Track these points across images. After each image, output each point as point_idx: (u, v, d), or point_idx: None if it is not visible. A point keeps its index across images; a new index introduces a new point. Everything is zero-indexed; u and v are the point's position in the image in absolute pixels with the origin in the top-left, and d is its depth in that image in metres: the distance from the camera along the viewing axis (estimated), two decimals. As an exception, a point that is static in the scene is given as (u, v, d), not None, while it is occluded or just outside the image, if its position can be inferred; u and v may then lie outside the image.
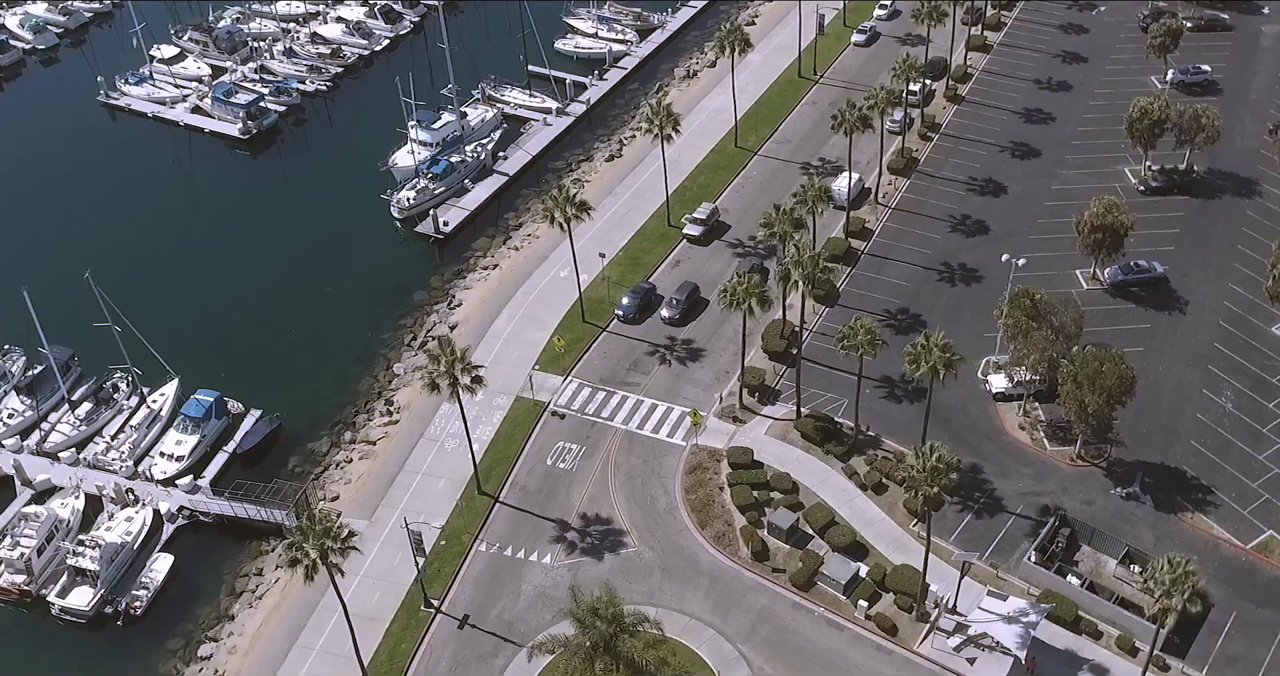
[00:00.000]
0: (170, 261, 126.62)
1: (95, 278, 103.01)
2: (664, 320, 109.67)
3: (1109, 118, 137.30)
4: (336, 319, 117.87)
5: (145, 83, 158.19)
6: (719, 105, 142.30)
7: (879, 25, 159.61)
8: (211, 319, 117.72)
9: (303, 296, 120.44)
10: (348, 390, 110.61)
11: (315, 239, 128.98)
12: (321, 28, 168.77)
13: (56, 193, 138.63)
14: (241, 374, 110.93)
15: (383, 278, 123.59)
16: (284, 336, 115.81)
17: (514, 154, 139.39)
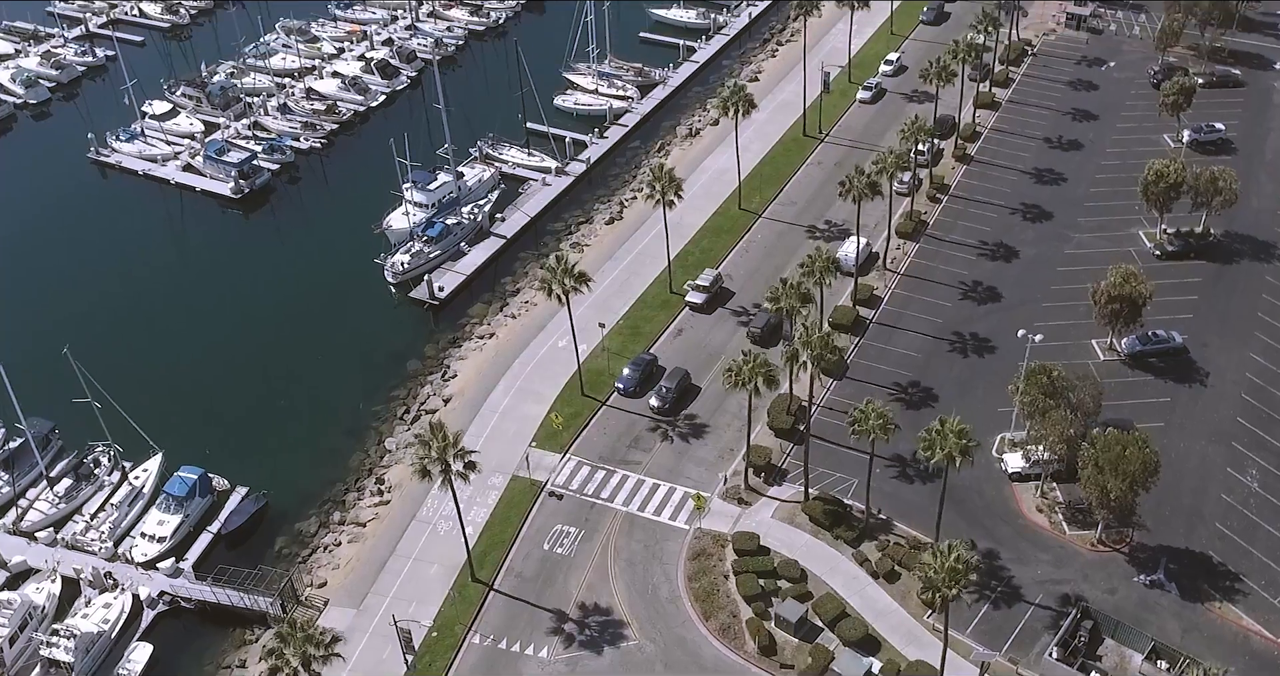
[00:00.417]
0: (157, 327, 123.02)
1: (78, 344, 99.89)
2: (653, 410, 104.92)
3: (1122, 178, 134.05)
4: (327, 389, 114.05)
5: (137, 139, 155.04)
6: (722, 165, 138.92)
7: (884, 81, 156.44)
8: (198, 388, 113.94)
9: (293, 364, 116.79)
10: (338, 465, 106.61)
11: (307, 303, 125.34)
12: (317, 83, 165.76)
13: (41, 255, 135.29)
14: (228, 447, 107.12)
15: (376, 345, 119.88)
16: (273, 407, 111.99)
17: (512, 215, 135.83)
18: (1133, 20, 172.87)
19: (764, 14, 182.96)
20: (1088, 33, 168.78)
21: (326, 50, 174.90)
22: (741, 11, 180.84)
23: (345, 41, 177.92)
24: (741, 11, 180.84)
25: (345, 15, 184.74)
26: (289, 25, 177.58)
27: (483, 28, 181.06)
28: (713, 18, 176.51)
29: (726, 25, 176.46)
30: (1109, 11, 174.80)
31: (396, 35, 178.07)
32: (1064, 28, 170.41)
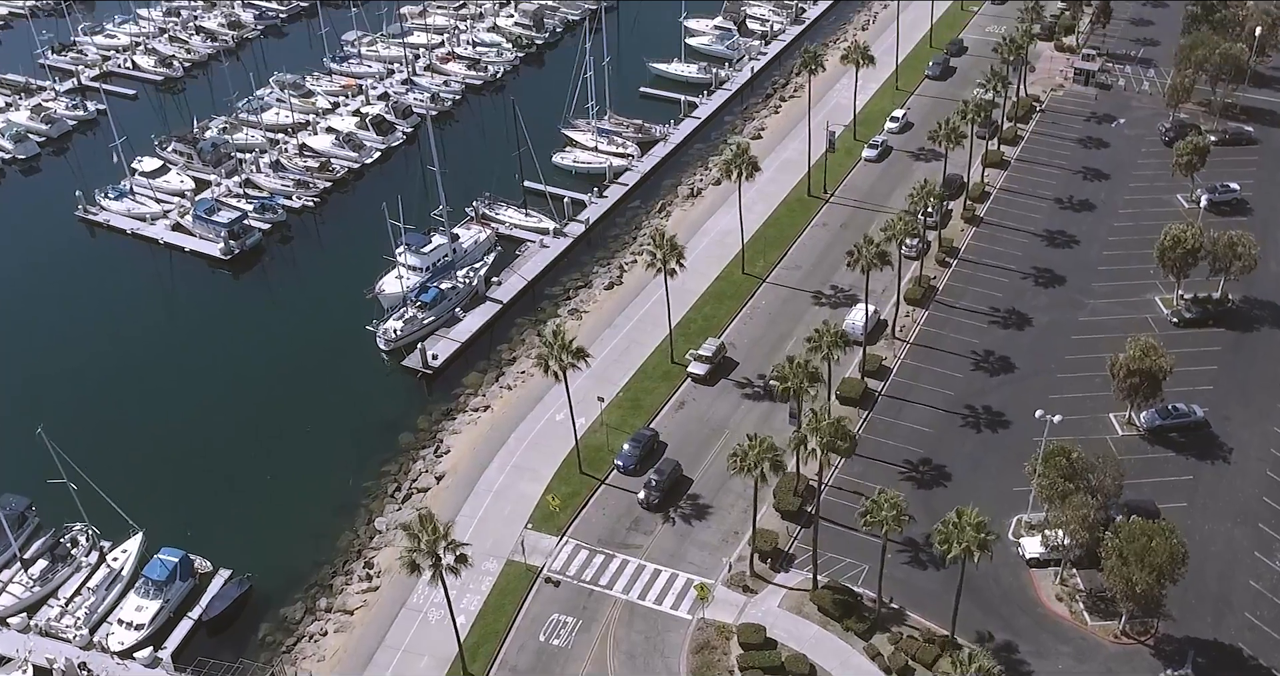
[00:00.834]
0: (140, 396, 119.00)
1: (57, 413, 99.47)
2: (640, 504, 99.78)
3: (1136, 240, 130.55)
4: (316, 463, 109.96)
5: (125, 197, 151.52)
6: (725, 226, 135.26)
7: (890, 139, 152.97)
8: (181, 461, 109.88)
9: (281, 436, 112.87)
10: (325, 546, 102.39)
11: (296, 371, 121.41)
12: (310, 139, 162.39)
13: (22, 319, 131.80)
14: (211, 525, 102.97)
15: (367, 416, 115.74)
16: (259, 482, 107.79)
17: (508, 278, 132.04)
18: (1141, 75, 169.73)
19: (766, 68, 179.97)
20: (1096, 88, 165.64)
21: (321, 105, 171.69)
22: (743, 66, 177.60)
23: (340, 96, 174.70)
24: (743, 66, 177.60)
25: (341, 69, 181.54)
26: (283, 79, 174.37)
27: (480, 82, 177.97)
28: (714, 72, 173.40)
29: (728, 80, 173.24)
30: (1117, 66, 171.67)
31: (393, 89, 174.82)
32: (1072, 83, 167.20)
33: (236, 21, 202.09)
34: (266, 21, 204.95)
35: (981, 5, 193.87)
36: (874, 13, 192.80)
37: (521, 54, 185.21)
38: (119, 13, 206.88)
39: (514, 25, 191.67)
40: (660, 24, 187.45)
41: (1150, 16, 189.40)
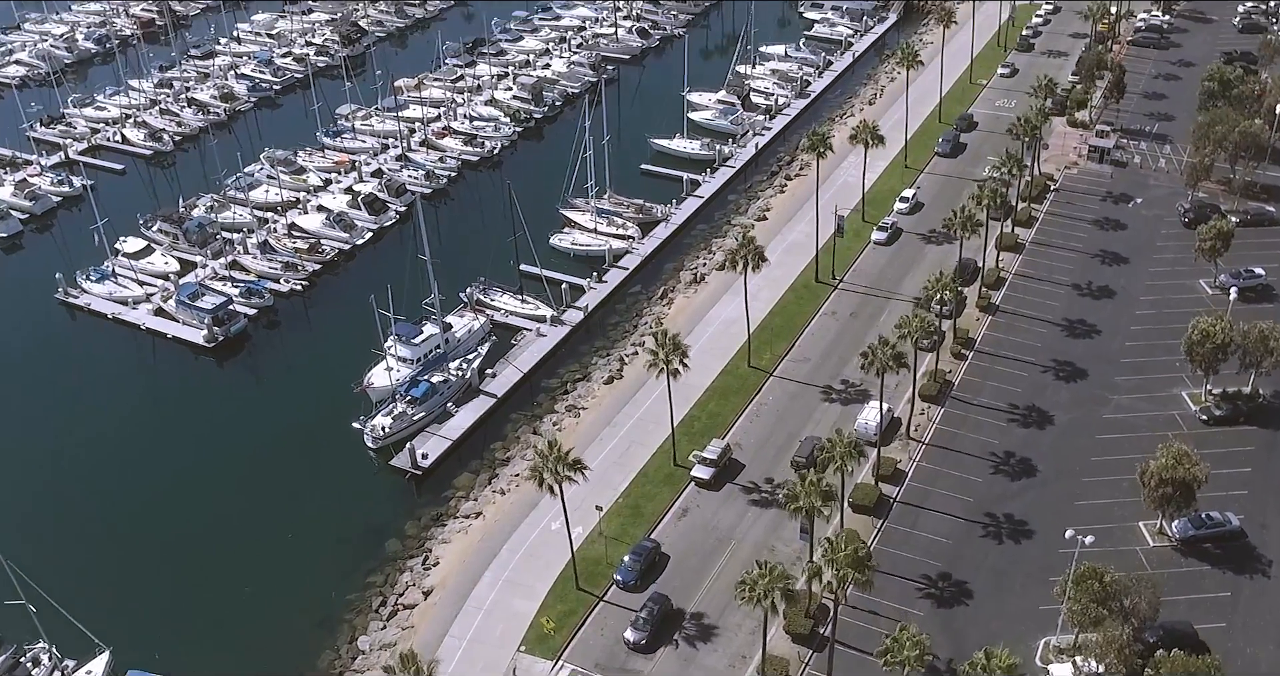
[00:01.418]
0: (110, 498, 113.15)
1: (20, 515, 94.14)
2: (628, 645, 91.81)
3: (1159, 330, 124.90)
4: (297, 573, 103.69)
5: (107, 280, 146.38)
6: (729, 315, 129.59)
7: (900, 220, 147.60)
8: (153, 571, 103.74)
9: (261, 541, 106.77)
10: (306, 665, 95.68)
11: (278, 470, 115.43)
12: (301, 218, 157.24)
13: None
14: (184, 644, 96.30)
15: (352, 520, 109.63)
16: (236, 594, 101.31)
17: (503, 370, 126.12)
18: (1158, 152, 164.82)
19: (770, 144, 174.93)
20: (1111, 166, 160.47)
21: (313, 182, 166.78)
22: (747, 142, 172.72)
23: (333, 172, 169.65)
24: (747, 142, 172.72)
25: (334, 144, 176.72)
26: (274, 156, 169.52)
27: (477, 158, 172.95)
28: (717, 149, 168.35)
29: (732, 157, 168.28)
30: (1132, 143, 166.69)
31: (386, 166, 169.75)
32: (1086, 161, 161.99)
33: (229, 93, 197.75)
34: (260, 93, 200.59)
35: (991, 78, 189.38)
36: (880, 86, 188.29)
37: (519, 128, 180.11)
38: (111, 84, 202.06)
39: (512, 98, 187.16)
40: (662, 97, 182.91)
41: (1163, 90, 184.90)
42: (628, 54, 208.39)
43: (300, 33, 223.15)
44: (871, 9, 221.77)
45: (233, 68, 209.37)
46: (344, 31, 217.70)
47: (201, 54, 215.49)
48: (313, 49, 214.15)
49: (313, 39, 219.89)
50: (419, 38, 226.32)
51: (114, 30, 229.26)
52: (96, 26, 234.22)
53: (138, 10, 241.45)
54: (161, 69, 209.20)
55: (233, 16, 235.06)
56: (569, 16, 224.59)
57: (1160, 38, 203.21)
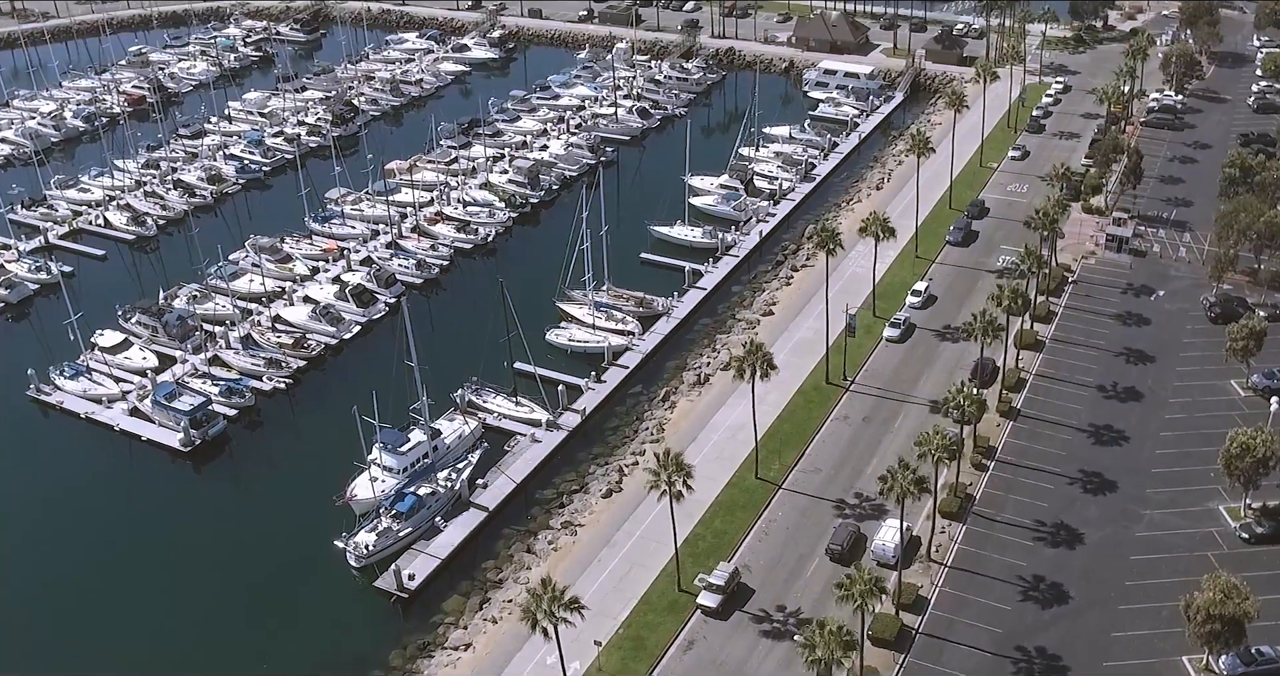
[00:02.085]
0: (74, 614, 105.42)
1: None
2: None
3: (1191, 437, 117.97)
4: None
5: (81, 376, 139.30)
6: (735, 421, 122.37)
7: (913, 315, 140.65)
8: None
9: (232, 671, 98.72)
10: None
11: (255, 590, 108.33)
12: (286, 309, 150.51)
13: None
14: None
15: (332, 647, 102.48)
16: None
17: (495, 480, 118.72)
18: (1177, 240, 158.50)
19: (775, 231, 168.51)
20: (1130, 255, 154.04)
21: (299, 271, 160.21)
22: (751, 229, 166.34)
23: (321, 261, 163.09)
24: (751, 229, 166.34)
25: (322, 230, 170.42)
26: (259, 243, 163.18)
27: (470, 245, 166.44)
28: (720, 236, 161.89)
29: (735, 245, 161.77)
30: (1150, 230, 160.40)
31: (376, 254, 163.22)
32: (1104, 250, 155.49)
33: (217, 175, 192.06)
34: (249, 175, 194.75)
35: (1002, 161, 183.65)
36: (889, 170, 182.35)
37: (515, 214, 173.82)
38: (96, 164, 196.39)
39: (508, 182, 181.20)
40: (662, 180, 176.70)
41: (1180, 173, 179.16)
42: (628, 135, 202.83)
43: (293, 111, 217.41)
44: (878, 88, 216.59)
45: (222, 147, 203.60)
46: (336, 111, 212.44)
47: (191, 133, 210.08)
48: (304, 129, 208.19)
49: (305, 118, 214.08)
50: (414, 116, 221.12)
51: (103, 108, 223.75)
52: (86, 104, 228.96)
53: (128, 87, 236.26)
54: (149, 148, 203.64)
55: (224, 94, 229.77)
56: (568, 95, 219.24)
57: (1174, 118, 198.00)
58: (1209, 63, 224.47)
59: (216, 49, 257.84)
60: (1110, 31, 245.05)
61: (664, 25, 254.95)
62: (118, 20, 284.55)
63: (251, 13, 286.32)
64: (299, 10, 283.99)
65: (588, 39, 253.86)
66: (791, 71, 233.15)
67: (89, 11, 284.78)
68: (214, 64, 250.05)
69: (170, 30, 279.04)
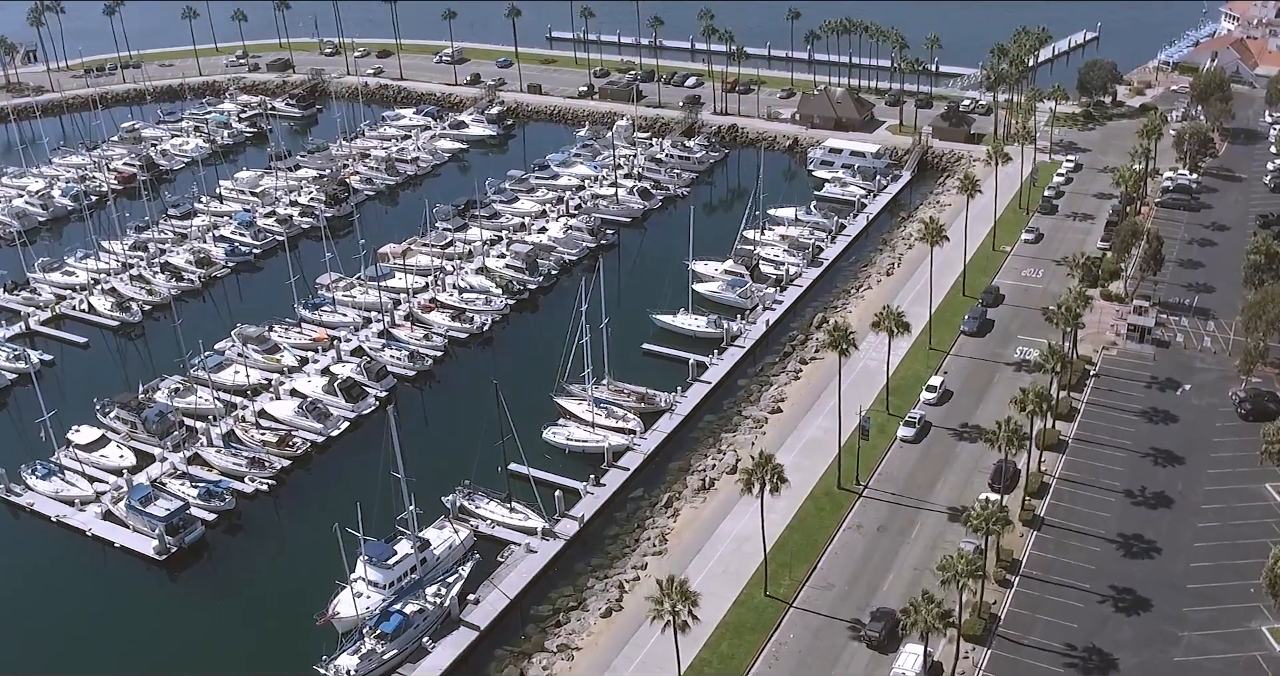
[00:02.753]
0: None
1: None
2: None
3: (1228, 548, 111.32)
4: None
5: (54, 476, 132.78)
6: (742, 531, 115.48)
7: (928, 412, 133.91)
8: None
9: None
10: None
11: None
12: (271, 404, 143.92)
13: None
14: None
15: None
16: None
17: (487, 595, 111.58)
18: (1201, 329, 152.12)
19: (781, 319, 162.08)
20: (1154, 346, 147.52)
21: (287, 361, 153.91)
22: (757, 317, 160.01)
23: (310, 350, 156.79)
24: (757, 317, 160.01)
25: (312, 318, 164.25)
26: (246, 332, 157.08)
27: (465, 335, 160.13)
28: (725, 325, 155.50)
29: (741, 335, 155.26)
30: (1172, 318, 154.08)
31: (368, 344, 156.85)
32: (1126, 341, 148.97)
33: (205, 258, 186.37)
34: (239, 257, 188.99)
35: (1015, 244, 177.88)
36: (899, 254, 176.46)
37: (512, 301, 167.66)
38: (83, 245, 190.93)
39: (505, 267, 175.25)
40: (664, 265, 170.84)
41: (1199, 257, 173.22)
42: (628, 216, 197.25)
43: (285, 190, 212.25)
44: (884, 167, 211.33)
45: (212, 228, 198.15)
46: (330, 190, 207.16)
47: (180, 213, 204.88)
48: (297, 209, 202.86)
49: (298, 198, 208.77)
50: (409, 196, 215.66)
51: (93, 186, 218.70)
52: (75, 181, 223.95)
53: (119, 164, 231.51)
54: (137, 229, 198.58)
55: (216, 171, 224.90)
56: (567, 175, 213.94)
57: (1190, 199, 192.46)
58: (1222, 139, 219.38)
59: (210, 125, 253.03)
60: (1119, 107, 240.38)
61: (665, 101, 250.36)
62: (112, 95, 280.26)
63: (247, 87, 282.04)
64: (295, 85, 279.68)
65: (587, 115, 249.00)
66: (796, 149, 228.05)
67: (84, 85, 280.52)
68: (207, 140, 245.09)
69: (165, 105, 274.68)
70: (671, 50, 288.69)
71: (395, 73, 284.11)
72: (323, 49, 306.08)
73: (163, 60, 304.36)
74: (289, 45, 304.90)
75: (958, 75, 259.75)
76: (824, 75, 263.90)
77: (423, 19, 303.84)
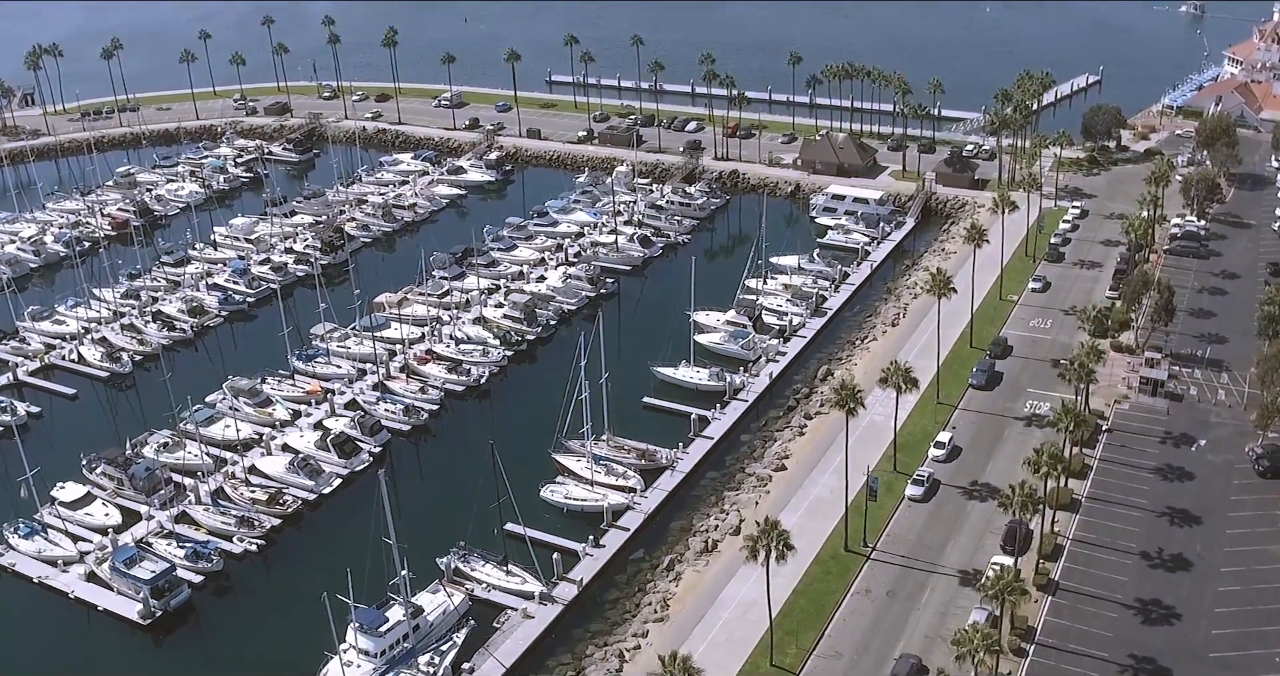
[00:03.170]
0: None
1: None
2: None
3: (1249, 614, 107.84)
4: None
5: (37, 535, 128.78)
6: (746, 596, 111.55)
7: (937, 470, 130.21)
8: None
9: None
10: None
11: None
12: (263, 460, 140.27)
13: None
14: None
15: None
16: None
17: (482, 663, 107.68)
18: (1215, 381, 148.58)
19: (785, 371, 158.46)
20: (1167, 400, 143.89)
21: (279, 415, 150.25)
22: (760, 369, 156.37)
23: (303, 403, 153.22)
24: (760, 369, 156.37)
25: (306, 369, 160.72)
26: (237, 385, 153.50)
27: (462, 388, 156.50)
28: (728, 379, 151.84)
29: (744, 389, 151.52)
30: (1185, 370, 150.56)
31: (362, 398, 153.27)
32: (1138, 394, 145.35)
33: (198, 307, 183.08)
34: (232, 306, 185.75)
35: (1022, 293, 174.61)
36: (904, 304, 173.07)
37: (510, 352, 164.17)
38: (74, 292, 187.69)
39: (503, 317, 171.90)
40: (665, 315, 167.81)
41: (1210, 306, 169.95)
42: (628, 264, 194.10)
43: (281, 237, 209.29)
44: (888, 213, 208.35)
45: (205, 276, 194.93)
46: (326, 237, 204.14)
47: (174, 260, 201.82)
48: (291, 256, 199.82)
49: (293, 245, 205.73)
50: (406, 242, 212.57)
51: (86, 232, 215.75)
52: (68, 227, 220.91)
53: (113, 209, 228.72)
54: (130, 276, 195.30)
55: (210, 217, 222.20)
56: (566, 222, 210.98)
57: (1199, 246, 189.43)
58: (1229, 185, 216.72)
59: (206, 169, 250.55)
60: (1124, 152, 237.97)
61: (665, 146, 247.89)
62: (108, 138, 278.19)
63: (244, 131, 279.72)
64: (292, 129, 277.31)
65: (587, 161, 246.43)
66: (798, 195, 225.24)
67: (80, 129, 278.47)
68: (203, 185, 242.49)
69: (161, 149, 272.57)
70: (672, 94, 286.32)
71: (393, 117, 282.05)
72: (321, 92, 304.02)
73: (160, 103, 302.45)
74: (287, 88, 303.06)
75: (960, 119, 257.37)
76: (825, 120, 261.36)
77: (422, 63, 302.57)
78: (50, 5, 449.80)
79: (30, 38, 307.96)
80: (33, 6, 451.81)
